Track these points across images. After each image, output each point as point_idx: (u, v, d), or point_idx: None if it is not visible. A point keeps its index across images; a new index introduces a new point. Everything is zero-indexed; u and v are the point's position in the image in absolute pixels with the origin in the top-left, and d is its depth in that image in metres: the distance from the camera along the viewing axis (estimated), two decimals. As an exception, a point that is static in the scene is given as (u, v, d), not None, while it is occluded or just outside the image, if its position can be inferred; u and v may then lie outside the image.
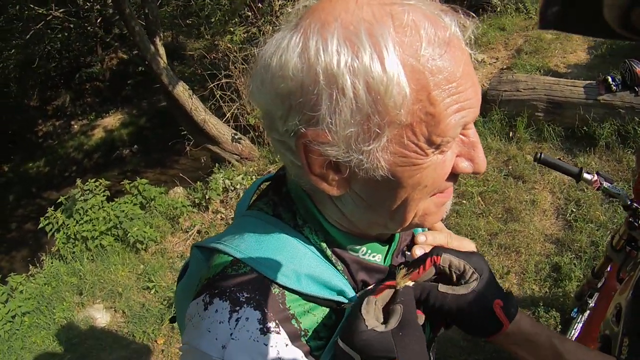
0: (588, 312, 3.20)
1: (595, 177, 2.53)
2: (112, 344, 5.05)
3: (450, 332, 3.90)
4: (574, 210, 4.90)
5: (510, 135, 5.91)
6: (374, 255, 1.04)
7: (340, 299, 0.96)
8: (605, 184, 2.52)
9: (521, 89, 5.90)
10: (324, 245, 0.98)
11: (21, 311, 5.48)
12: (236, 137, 6.95)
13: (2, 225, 13.91)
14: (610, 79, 5.36)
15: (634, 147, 5.18)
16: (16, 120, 16.86)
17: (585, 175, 2.53)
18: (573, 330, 3.25)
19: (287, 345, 0.88)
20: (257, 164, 6.92)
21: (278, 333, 0.88)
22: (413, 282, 0.96)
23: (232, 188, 6.33)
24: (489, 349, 3.86)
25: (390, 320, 0.87)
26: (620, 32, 0.38)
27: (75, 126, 16.95)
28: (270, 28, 6.71)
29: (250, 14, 6.86)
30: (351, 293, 0.98)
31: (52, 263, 6.26)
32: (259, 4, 6.76)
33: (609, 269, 3.00)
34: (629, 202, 2.47)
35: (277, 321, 0.89)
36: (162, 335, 4.96)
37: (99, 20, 10.98)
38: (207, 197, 6.29)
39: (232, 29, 6.77)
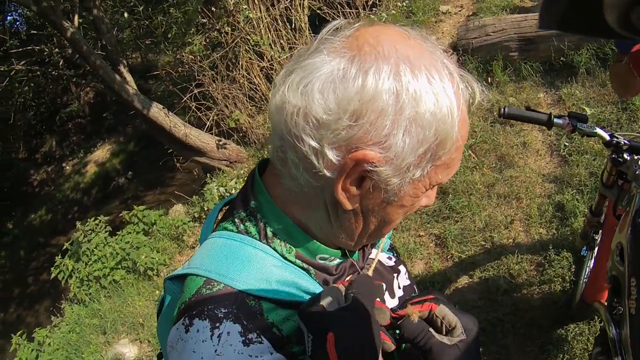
0: (597, 248, 3.15)
1: (567, 120, 2.40)
2: (143, 375, 5.06)
3: (465, 293, 3.92)
4: (567, 144, 4.81)
5: (489, 80, 5.83)
6: (337, 260, 1.07)
7: None
8: (579, 125, 2.40)
9: (490, 32, 5.84)
10: (293, 254, 0.99)
11: (52, 364, 5.49)
12: (220, 143, 6.94)
13: (20, 281, 14.00)
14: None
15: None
16: (8, 177, 16.89)
17: (556, 121, 2.41)
18: (587, 269, 3.21)
19: (272, 353, 0.88)
20: (247, 164, 6.90)
21: (261, 343, 0.88)
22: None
23: (228, 194, 6.31)
24: (506, 302, 3.82)
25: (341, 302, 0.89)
26: (621, 32, 0.38)
27: (67, 167, 16.98)
28: (230, 29, 6.67)
29: (205, 20, 6.81)
30: None
31: (72, 309, 6.30)
32: (212, 9, 6.70)
33: (606, 204, 2.94)
34: (609, 138, 2.40)
35: (257, 331, 0.89)
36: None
37: (61, 63, 10.93)
38: (205, 209, 6.30)
39: (190, 40, 6.74)
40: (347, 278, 1.05)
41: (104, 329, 5.74)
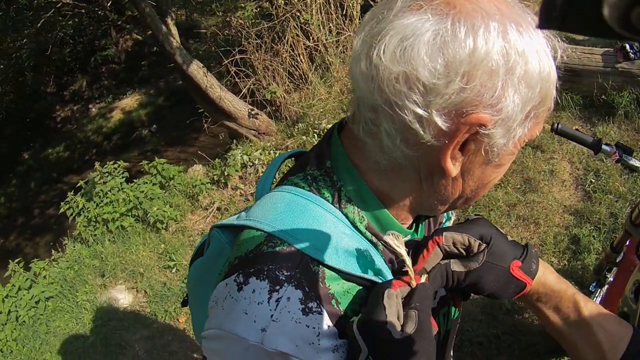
0: (606, 286, 3.12)
1: (614, 149, 2.40)
2: (134, 323, 5.10)
3: (469, 305, 3.91)
4: (593, 180, 4.79)
5: (528, 104, 5.81)
6: (406, 238, 1.02)
7: (378, 280, 0.92)
8: (625, 157, 2.40)
9: (538, 57, 5.80)
10: (364, 224, 0.95)
11: (44, 296, 5.56)
12: (253, 112, 6.91)
13: (25, 212, 14.12)
14: (628, 47, 5.19)
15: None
16: (33, 108, 17.01)
17: (604, 147, 2.40)
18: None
19: (328, 327, 0.84)
20: (274, 138, 6.87)
21: (320, 313, 0.84)
22: (426, 275, 0.93)
23: (251, 164, 6.31)
24: (507, 322, 3.81)
25: (407, 325, 0.82)
26: (620, 32, 0.36)
27: (93, 109, 17.07)
28: (282, 2, 6.66)
29: (260, -12, 6.80)
30: (389, 275, 0.95)
31: (74, 247, 6.32)
32: (269, -22, 6.69)
33: (628, 243, 2.91)
34: None
35: (318, 301, 0.85)
36: (184, 314, 4.99)
37: (109, 4, 10.95)
38: (225, 174, 6.27)
39: (243, 4, 6.72)
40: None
41: (103, 271, 5.77)
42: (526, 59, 0.78)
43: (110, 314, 5.28)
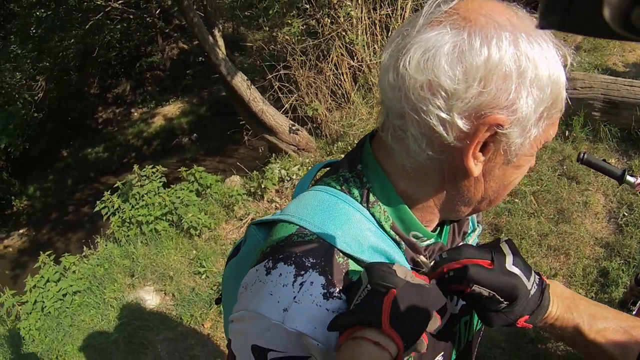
0: (634, 319, 3.09)
1: (639, 180, 2.45)
2: (159, 325, 5.13)
3: (491, 332, 3.89)
4: (626, 214, 4.75)
5: (567, 134, 5.76)
6: (429, 241, 1.07)
7: None
8: None
9: (578, 87, 5.75)
10: (389, 224, 1.00)
11: (72, 290, 5.61)
12: (293, 128, 6.97)
13: (60, 207, 14.29)
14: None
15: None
16: (76, 108, 17.24)
17: (629, 178, 2.45)
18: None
19: None
20: (313, 155, 6.92)
21: (340, 299, 0.90)
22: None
23: (288, 178, 6.34)
24: (530, 351, 3.79)
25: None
26: (621, 32, 0.38)
27: (135, 114, 17.27)
28: (329, 21, 6.72)
29: (307, 6, 6.86)
30: None
31: (106, 245, 6.38)
32: (317, -3, 6.76)
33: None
34: None
35: (340, 288, 0.91)
36: (210, 320, 5.01)
37: (157, 12, 11.09)
38: (262, 186, 6.30)
39: (289, 21, 6.80)
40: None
41: (133, 272, 5.82)
42: (536, 64, 0.84)
43: (136, 313, 5.33)
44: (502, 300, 0.96)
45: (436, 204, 1.01)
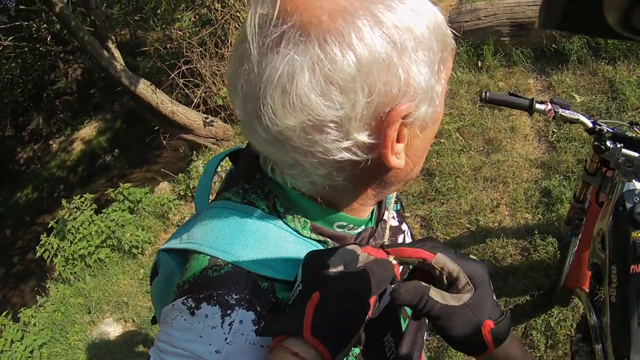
0: (580, 235, 3.13)
1: (549, 106, 2.35)
2: (127, 353, 5.05)
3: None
4: (555, 130, 4.78)
5: (479, 65, 5.80)
6: (356, 228, 1.00)
7: None
8: (561, 111, 2.35)
9: (482, 16, 5.79)
10: (308, 228, 0.92)
11: (37, 344, 5.50)
12: (208, 120, 6.90)
13: (5, 261, 13.95)
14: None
15: (607, 57, 5.10)
16: (-5, 156, 16.85)
17: (538, 106, 2.36)
18: (571, 255, 3.19)
19: None
20: (233, 142, 6.88)
21: None
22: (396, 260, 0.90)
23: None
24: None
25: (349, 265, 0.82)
26: (621, 32, 0.37)
27: (54, 145, 16.95)
28: (219, 6, 6.62)
29: (195, -4, 6.77)
30: None
31: (57, 288, 6.28)
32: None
33: (589, 191, 2.91)
34: (592, 125, 2.35)
35: None
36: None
37: (50, 38, 10.84)
38: (191, 187, 6.30)
39: (179, 16, 6.69)
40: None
41: (89, 308, 5.73)
42: (409, 28, 0.72)
43: (103, 349, 5.23)
44: (464, 282, 0.87)
45: (364, 203, 0.94)
